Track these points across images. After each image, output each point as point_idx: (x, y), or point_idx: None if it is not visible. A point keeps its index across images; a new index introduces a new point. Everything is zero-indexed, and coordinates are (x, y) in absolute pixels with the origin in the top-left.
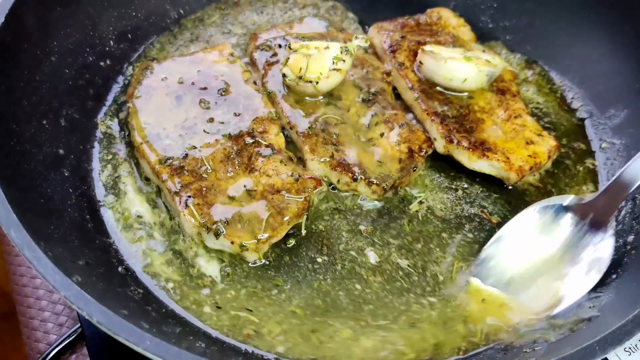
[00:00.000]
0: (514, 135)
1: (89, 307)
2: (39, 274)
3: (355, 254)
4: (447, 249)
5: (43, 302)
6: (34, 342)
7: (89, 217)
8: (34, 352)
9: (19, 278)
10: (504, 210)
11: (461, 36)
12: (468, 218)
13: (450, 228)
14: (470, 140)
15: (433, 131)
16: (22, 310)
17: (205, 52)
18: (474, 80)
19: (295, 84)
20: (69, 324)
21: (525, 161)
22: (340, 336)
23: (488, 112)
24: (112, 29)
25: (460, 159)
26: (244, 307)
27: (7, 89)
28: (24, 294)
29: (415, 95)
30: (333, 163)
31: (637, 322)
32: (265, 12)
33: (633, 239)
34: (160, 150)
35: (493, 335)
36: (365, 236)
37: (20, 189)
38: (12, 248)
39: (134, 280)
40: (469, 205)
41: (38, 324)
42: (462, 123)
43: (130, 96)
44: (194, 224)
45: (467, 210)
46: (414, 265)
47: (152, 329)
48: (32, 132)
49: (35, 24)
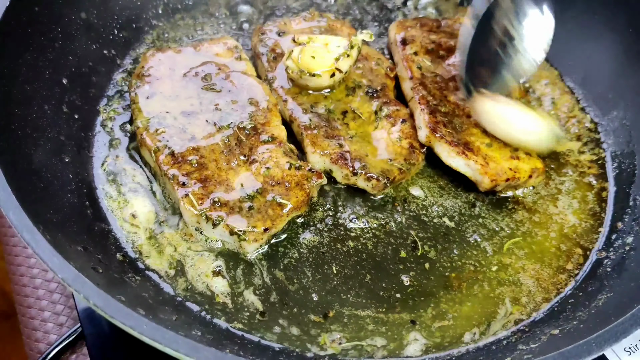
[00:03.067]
0: (500, 147)
1: (86, 290)
2: (37, 256)
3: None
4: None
5: (43, 302)
6: (34, 342)
7: (88, 203)
8: (34, 352)
9: (19, 278)
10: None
11: None
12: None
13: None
14: (454, 137)
15: (420, 120)
16: (22, 310)
17: (210, 42)
18: (543, 140)
19: (298, 77)
20: (69, 324)
21: (503, 172)
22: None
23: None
24: (117, 18)
25: (439, 151)
26: (242, 295)
27: (9, 73)
28: (24, 294)
29: (412, 84)
30: (333, 157)
31: (634, 320)
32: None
33: (632, 240)
34: (161, 139)
35: None
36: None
37: (21, 173)
38: (12, 248)
39: (131, 267)
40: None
41: (38, 324)
42: (452, 121)
43: (132, 85)
44: (192, 212)
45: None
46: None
47: (149, 316)
48: (34, 117)
49: (40, 9)
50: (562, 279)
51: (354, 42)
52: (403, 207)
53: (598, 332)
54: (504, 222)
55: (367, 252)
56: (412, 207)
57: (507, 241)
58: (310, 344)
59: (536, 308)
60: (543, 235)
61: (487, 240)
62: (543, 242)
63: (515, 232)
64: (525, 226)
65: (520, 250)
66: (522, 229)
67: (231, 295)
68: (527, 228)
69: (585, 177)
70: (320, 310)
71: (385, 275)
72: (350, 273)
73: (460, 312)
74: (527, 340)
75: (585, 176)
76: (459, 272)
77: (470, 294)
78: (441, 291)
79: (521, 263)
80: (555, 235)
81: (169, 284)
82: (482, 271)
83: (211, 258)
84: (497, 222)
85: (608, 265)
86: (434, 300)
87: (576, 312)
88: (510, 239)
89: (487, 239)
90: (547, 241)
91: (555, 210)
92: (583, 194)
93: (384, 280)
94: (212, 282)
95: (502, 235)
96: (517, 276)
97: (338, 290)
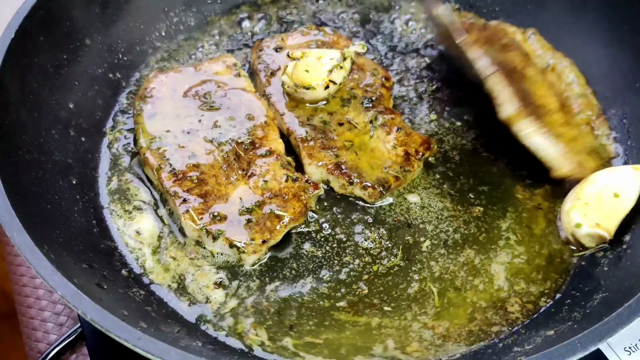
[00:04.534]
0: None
1: (84, 306)
2: (39, 276)
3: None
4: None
5: (43, 302)
6: (34, 342)
7: (94, 222)
8: (34, 352)
9: (19, 278)
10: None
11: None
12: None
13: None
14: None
15: (504, 94)
16: (22, 310)
17: (209, 61)
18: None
19: (293, 91)
20: (69, 324)
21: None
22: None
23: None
24: (121, 42)
25: (522, 128)
26: (243, 309)
27: (17, 101)
28: (24, 294)
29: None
30: (330, 167)
31: (621, 319)
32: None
33: (629, 238)
34: (163, 158)
35: None
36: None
37: (28, 196)
38: (12, 248)
39: (136, 282)
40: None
41: (38, 324)
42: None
43: (136, 106)
44: (193, 227)
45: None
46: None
47: (151, 329)
48: (41, 142)
49: (45, 38)
50: (558, 279)
51: (346, 54)
52: (400, 215)
53: (583, 332)
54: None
55: (365, 260)
56: (410, 215)
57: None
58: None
59: (533, 309)
60: (542, 234)
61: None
62: (542, 241)
63: (513, 227)
64: (524, 222)
65: (515, 248)
66: (521, 225)
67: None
68: (525, 223)
69: None
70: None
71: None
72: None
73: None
74: (523, 342)
75: None
76: (465, 273)
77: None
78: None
79: (518, 261)
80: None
81: (172, 298)
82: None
83: (212, 271)
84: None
85: (605, 264)
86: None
87: (572, 313)
88: (507, 239)
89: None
90: (546, 240)
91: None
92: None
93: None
94: (212, 294)
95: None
96: (514, 277)
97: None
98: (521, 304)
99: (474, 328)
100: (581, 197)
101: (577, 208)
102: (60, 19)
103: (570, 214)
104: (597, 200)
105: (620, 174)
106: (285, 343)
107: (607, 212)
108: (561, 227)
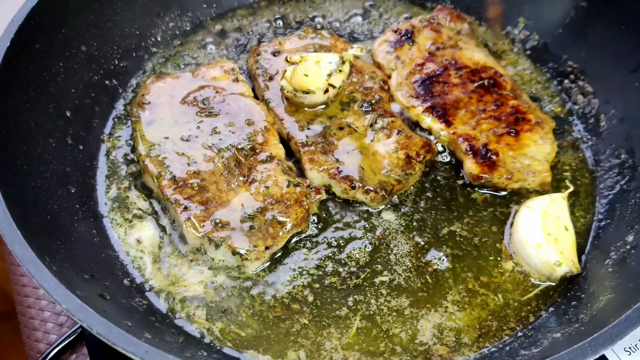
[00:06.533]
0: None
1: (89, 320)
2: (43, 289)
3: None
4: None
5: (43, 302)
6: (34, 342)
7: (95, 231)
8: (34, 352)
9: (19, 278)
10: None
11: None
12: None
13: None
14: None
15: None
16: (22, 310)
17: (207, 67)
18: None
19: (292, 95)
20: (69, 324)
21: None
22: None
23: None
24: (117, 48)
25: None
26: (245, 319)
27: (14, 110)
28: (24, 294)
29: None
30: (331, 172)
31: (630, 322)
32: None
33: (633, 238)
34: (163, 165)
35: None
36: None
37: (27, 207)
38: None
39: (138, 292)
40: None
41: (38, 324)
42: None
43: (134, 113)
44: (195, 235)
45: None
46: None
47: (155, 339)
48: (39, 151)
49: (41, 47)
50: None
51: (345, 58)
52: (402, 219)
53: (593, 336)
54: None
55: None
56: (413, 219)
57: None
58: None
59: (538, 311)
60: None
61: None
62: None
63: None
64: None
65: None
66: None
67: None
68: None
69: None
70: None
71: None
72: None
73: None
74: (529, 345)
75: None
76: (475, 275)
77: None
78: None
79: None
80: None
81: (175, 306)
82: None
83: (214, 278)
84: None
85: (609, 265)
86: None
87: (579, 315)
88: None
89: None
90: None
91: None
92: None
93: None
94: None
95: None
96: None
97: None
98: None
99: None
100: (551, 232)
101: (549, 245)
102: (55, 27)
103: (546, 252)
104: (559, 234)
105: (560, 205)
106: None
107: (569, 246)
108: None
